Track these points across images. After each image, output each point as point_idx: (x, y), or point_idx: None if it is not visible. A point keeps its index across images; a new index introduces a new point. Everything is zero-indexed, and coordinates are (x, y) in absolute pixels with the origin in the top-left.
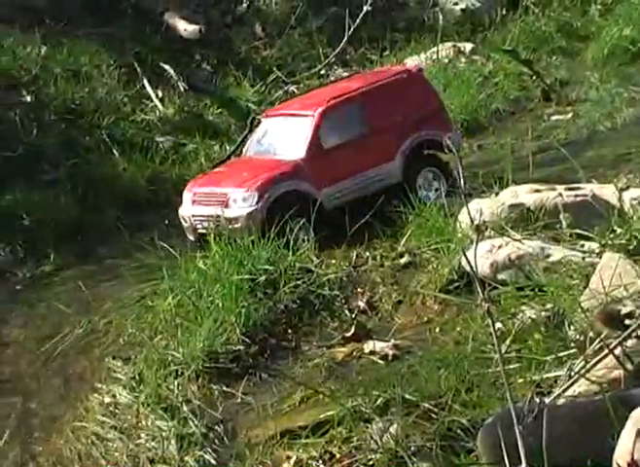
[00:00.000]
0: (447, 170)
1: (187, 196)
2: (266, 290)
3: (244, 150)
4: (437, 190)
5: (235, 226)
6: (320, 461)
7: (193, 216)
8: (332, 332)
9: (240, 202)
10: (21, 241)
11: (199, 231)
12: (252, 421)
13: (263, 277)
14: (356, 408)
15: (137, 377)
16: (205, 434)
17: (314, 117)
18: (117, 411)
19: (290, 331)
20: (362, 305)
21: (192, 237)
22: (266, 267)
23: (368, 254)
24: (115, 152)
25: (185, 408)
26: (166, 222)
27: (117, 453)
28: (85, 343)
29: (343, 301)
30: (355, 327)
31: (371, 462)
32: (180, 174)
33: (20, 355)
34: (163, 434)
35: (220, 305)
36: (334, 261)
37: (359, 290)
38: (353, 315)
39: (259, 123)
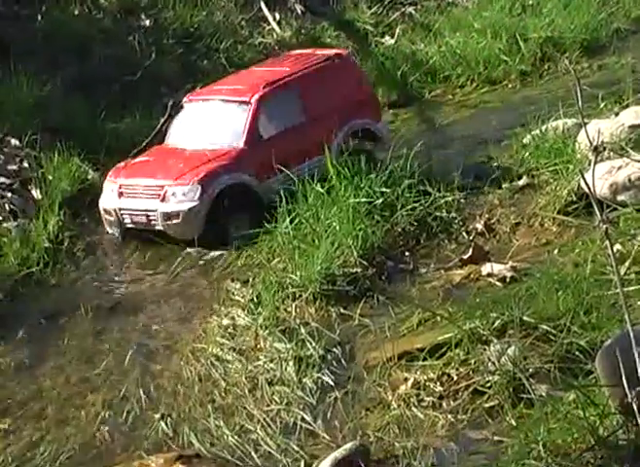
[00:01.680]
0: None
1: (110, 186)
2: (383, 213)
3: (166, 137)
4: None
5: (174, 222)
6: (437, 383)
7: (120, 209)
8: (449, 254)
9: (180, 197)
10: None
11: (127, 225)
12: (370, 343)
13: (380, 200)
14: (474, 330)
15: (255, 299)
16: (323, 356)
17: (251, 104)
18: (235, 332)
19: (407, 253)
20: (480, 227)
21: (115, 232)
22: (384, 189)
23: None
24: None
25: (303, 330)
26: None
27: (236, 375)
28: (204, 265)
29: (461, 223)
30: (473, 249)
31: (488, 384)
32: None
33: (141, 277)
34: (282, 356)
35: (337, 227)
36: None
37: (477, 212)
38: (471, 237)
39: (181, 108)
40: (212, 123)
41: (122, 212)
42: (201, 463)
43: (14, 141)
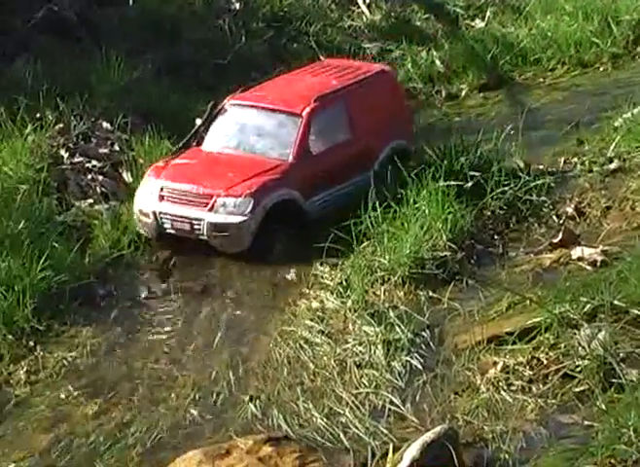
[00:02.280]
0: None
1: (149, 188)
2: (472, 196)
3: (206, 139)
4: None
5: (222, 234)
6: (527, 367)
7: (160, 213)
8: (539, 238)
9: (231, 208)
10: None
11: (167, 231)
12: (459, 327)
13: (470, 183)
14: (564, 314)
15: (344, 282)
16: (412, 339)
17: (302, 117)
18: (324, 316)
19: (497, 237)
20: (570, 210)
21: (149, 235)
22: (473, 172)
23: (576, 160)
24: (322, 59)
25: (391, 313)
26: None
27: (324, 358)
28: (297, 245)
29: (551, 206)
30: (563, 233)
31: (578, 368)
32: None
33: (230, 260)
34: (370, 339)
35: (426, 211)
36: (541, 166)
37: (567, 195)
38: (561, 221)
39: (221, 109)
40: (259, 131)
41: (161, 216)
42: (290, 445)
43: (105, 124)
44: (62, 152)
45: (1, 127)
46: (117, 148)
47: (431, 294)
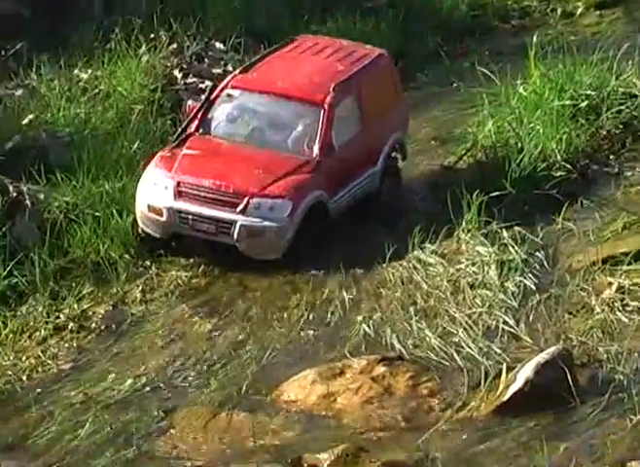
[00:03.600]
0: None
1: (161, 181)
2: (587, 116)
3: (213, 126)
4: None
5: (256, 239)
6: None
7: (178, 212)
8: None
9: (266, 211)
10: None
11: (184, 231)
12: (573, 247)
13: (584, 103)
14: None
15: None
16: (525, 260)
17: (324, 108)
18: (437, 236)
19: (612, 157)
20: None
21: (156, 233)
22: (589, 92)
23: None
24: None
25: (505, 234)
26: (487, 48)
27: (437, 278)
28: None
29: None
30: None
31: None
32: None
33: None
34: (484, 259)
35: (540, 131)
36: None
37: None
38: None
39: (223, 93)
40: (273, 121)
41: (180, 215)
42: (403, 365)
43: (218, 45)
44: (176, 72)
45: (116, 48)
46: (230, 68)
47: (545, 214)
